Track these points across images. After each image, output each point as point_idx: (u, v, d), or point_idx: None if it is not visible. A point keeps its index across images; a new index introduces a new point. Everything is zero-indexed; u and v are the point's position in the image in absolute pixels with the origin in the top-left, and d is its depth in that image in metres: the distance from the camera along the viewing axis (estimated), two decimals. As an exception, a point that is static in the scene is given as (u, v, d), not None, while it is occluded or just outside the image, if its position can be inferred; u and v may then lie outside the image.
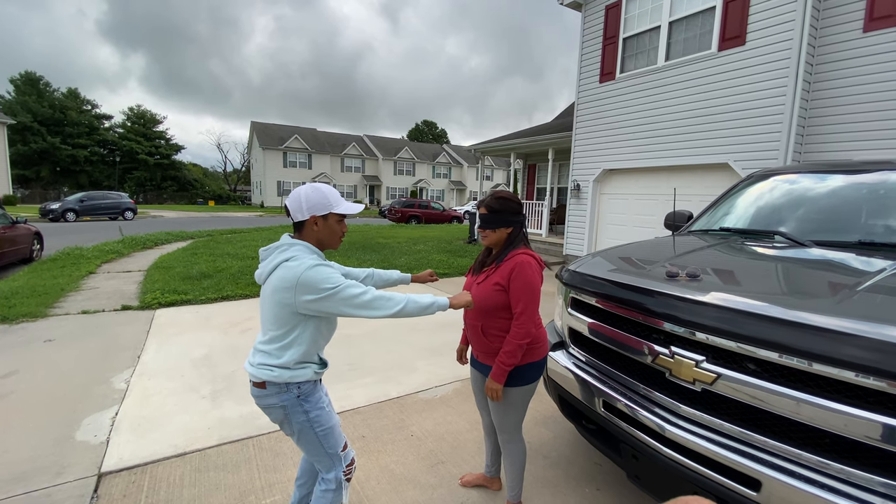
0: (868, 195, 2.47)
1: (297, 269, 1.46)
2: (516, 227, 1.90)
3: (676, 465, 1.59)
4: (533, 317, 1.81)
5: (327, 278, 1.46)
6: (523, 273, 1.79)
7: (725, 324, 1.49)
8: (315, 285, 1.44)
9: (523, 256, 1.82)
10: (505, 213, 1.88)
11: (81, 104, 44.62)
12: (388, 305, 1.51)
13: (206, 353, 4.01)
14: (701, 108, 6.88)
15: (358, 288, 1.50)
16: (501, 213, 1.87)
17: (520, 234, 1.92)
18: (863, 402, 1.22)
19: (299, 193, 1.58)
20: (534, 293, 1.80)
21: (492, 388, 1.84)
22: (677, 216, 3.24)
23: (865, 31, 5.48)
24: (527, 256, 1.83)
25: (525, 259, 1.81)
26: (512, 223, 1.89)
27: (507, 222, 1.88)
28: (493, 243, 1.92)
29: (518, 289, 1.79)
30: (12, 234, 8.00)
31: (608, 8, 8.25)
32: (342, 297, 1.46)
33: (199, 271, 7.27)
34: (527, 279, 1.78)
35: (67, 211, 20.00)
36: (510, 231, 1.90)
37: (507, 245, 1.89)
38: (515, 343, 1.79)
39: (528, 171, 14.45)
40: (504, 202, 1.89)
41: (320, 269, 1.47)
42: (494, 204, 1.88)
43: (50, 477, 2.25)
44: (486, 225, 1.89)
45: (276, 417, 1.61)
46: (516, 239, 1.90)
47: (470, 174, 53.18)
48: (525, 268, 1.79)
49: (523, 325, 1.78)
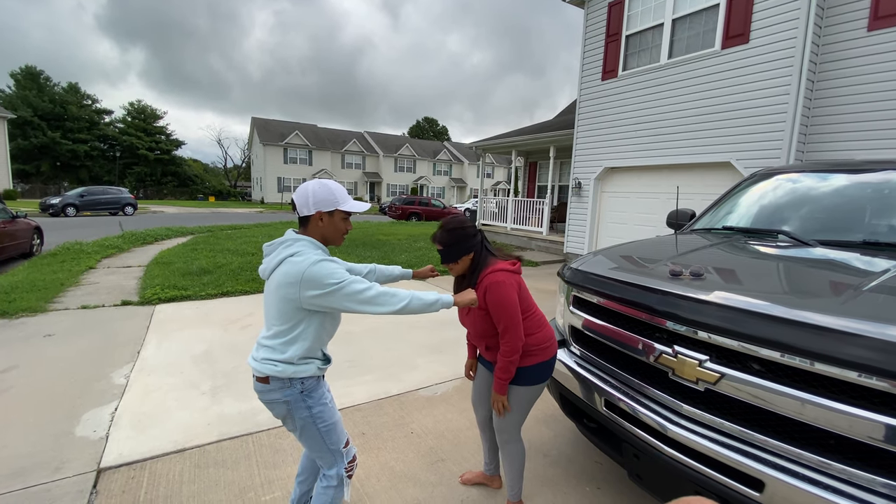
0: (872, 195, 2.45)
1: (302, 264, 1.46)
2: (476, 247, 1.87)
3: (678, 464, 1.58)
4: (516, 331, 1.79)
5: (332, 273, 1.46)
6: (493, 294, 1.77)
7: (729, 323, 1.48)
8: (320, 280, 1.44)
9: (490, 276, 1.80)
10: (460, 242, 1.84)
11: (82, 99, 44.51)
12: (393, 301, 1.51)
13: (206, 349, 4.00)
14: (703, 106, 6.85)
15: (362, 284, 1.49)
16: (457, 245, 1.84)
17: (482, 253, 1.88)
18: (867, 402, 1.21)
19: (307, 188, 1.58)
20: (509, 309, 1.77)
21: (497, 400, 1.88)
22: (680, 215, 3.23)
23: (870, 30, 5.45)
24: (493, 275, 1.80)
25: (492, 279, 1.79)
26: (471, 248, 1.86)
27: (466, 249, 1.85)
28: (462, 272, 1.90)
29: (494, 310, 1.79)
30: (12, 228, 7.99)
31: (611, 5, 8.21)
32: (346, 293, 1.46)
33: (200, 267, 7.26)
34: (499, 298, 1.77)
35: (67, 206, 19.98)
36: (472, 256, 1.87)
37: (473, 270, 1.87)
38: (505, 360, 1.81)
39: (529, 168, 14.43)
40: (455, 233, 1.85)
41: (325, 265, 1.47)
42: (447, 238, 1.85)
43: (49, 472, 2.24)
44: (447, 259, 1.87)
45: (279, 413, 1.61)
46: (480, 260, 1.87)
47: (471, 171, 53.12)
48: (494, 288, 1.77)
49: (508, 341, 1.79)
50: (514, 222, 12.24)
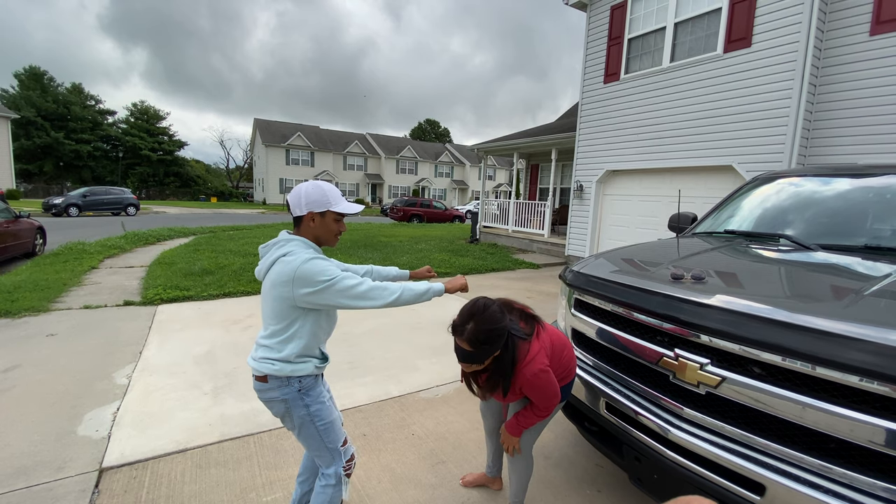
0: (874, 199, 2.45)
1: (294, 262, 1.48)
2: (506, 343, 1.59)
3: (679, 467, 1.58)
4: (553, 402, 1.72)
5: (323, 270, 1.48)
6: (538, 387, 1.65)
7: (730, 326, 1.48)
8: (311, 278, 1.46)
9: (527, 368, 1.60)
10: (493, 343, 1.54)
11: (85, 99, 44.73)
12: (384, 295, 1.54)
13: (208, 349, 4.01)
14: (706, 109, 6.86)
15: (354, 279, 1.52)
16: (490, 346, 1.53)
17: (510, 348, 1.60)
18: (868, 406, 1.22)
19: (300, 189, 1.61)
20: (550, 394, 1.68)
21: (508, 441, 1.85)
22: (681, 218, 3.23)
23: (872, 35, 5.45)
24: (530, 366, 1.60)
25: (530, 371, 1.60)
26: (501, 345, 1.57)
27: (496, 349, 1.56)
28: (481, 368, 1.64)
29: (535, 395, 1.69)
30: (15, 228, 8.02)
31: (613, 8, 8.23)
32: (338, 289, 1.48)
33: (202, 268, 7.28)
34: (542, 389, 1.66)
35: (70, 206, 20.04)
36: (498, 354, 1.59)
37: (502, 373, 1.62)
38: (534, 418, 1.77)
39: (530, 171, 14.44)
40: (489, 334, 1.51)
41: (316, 262, 1.50)
42: (480, 337, 1.51)
43: (51, 471, 2.25)
44: (469, 361, 1.57)
45: (278, 411, 1.63)
46: (510, 355, 1.60)
47: (472, 174, 53.14)
48: (536, 381, 1.62)
49: (541, 410, 1.75)
50: (515, 224, 12.25)
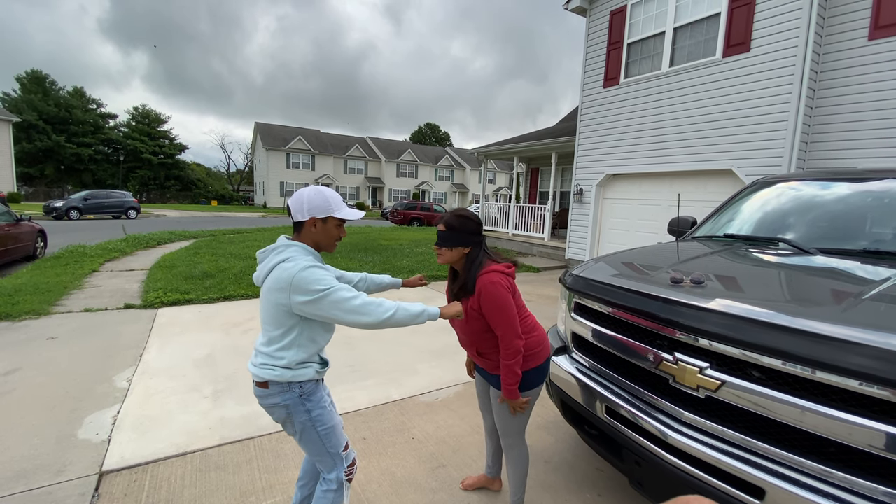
0: (873, 203, 2.46)
1: (292, 270, 1.47)
2: (475, 246, 1.85)
3: (679, 471, 1.58)
4: (514, 332, 1.77)
5: (319, 279, 1.47)
6: (488, 295, 1.75)
7: (730, 330, 1.49)
8: (307, 287, 1.45)
9: (485, 276, 1.78)
10: (463, 232, 1.82)
11: (87, 103, 44.80)
12: (378, 312, 1.50)
13: (208, 352, 4.01)
14: (705, 114, 6.88)
15: (350, 292, 1.49)
16: (459, 232, 1.82)
17: (480, 254, 1.86)
18: (867, 411, 1.22)
19: (302, 194, 1.60)
20: (504, 310, 1.75)
21: (512, 405, 1.86)
22: (681, 222, 3.24)
23: (870, 39, 5.48)
24: (487, 275, 1.78)
25: (486, 279, 1.77)
26: (470, 242, 1.83)
27: (464, 241, 1.82)
28: (448, 262, 1.87)
29: (489, 312, 1.76)
30: (16, 231, 8.04)
31: (613, 13, 8.27)
32: (333, 300, 1.46)
33: (202, 271, 7.29)
34: (493, 300, 1.75)
35: (71, 209, 20.06)
36: (468, 251, 1.84)
37: (470, 268, 1.84)
38: (507, 364, 1.78)
39: (530, 174, 14.47)
40: (463, 220, 1.83)
41: (313, 271, 1.48)
42: (453, 221, 1.83)
43: (51, 475, 2.25)
44: (442, 243, 1.83)
45: (279, 417, 1.62)
46: (477, 260, 1.84)
47: (472, 177, 53.22)
48: (488, 288, 1.75)
49: (507, 345, 1.77)
50: (515, 228, 12.26)
